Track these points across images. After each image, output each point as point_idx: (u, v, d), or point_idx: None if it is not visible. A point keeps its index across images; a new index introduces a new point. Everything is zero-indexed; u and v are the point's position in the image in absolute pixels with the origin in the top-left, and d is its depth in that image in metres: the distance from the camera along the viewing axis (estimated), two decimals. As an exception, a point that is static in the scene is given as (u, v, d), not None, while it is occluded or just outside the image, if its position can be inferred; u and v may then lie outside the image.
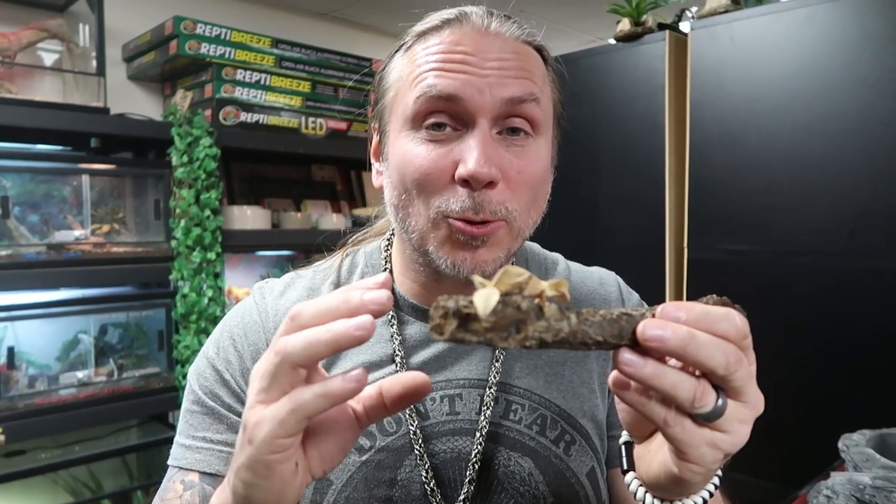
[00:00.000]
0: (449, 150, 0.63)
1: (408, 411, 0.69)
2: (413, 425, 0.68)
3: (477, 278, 0.39)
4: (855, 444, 0.93)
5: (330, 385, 0.42)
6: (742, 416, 0.43)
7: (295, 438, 0.44)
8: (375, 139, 0.74)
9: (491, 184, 0.62)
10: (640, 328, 0.40)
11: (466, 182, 0.61)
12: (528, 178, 0.65)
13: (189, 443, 0.70)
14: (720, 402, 0.42)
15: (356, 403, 0.49)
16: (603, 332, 0.40)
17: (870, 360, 1.30)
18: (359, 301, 0.43)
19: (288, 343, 0.43)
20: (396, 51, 0.70)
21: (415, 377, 0.49)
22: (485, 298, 0.38)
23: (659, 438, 0.48)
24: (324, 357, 0.43)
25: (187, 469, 0.68)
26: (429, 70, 0.63)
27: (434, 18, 0.68)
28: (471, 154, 0.61)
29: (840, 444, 0.94)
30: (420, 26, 0.68)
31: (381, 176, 0.72)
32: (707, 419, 0.42)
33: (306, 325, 0.44)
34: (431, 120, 0.63)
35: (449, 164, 0.63)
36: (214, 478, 0.67)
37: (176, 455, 0.70)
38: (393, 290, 0.75)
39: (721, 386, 0.42)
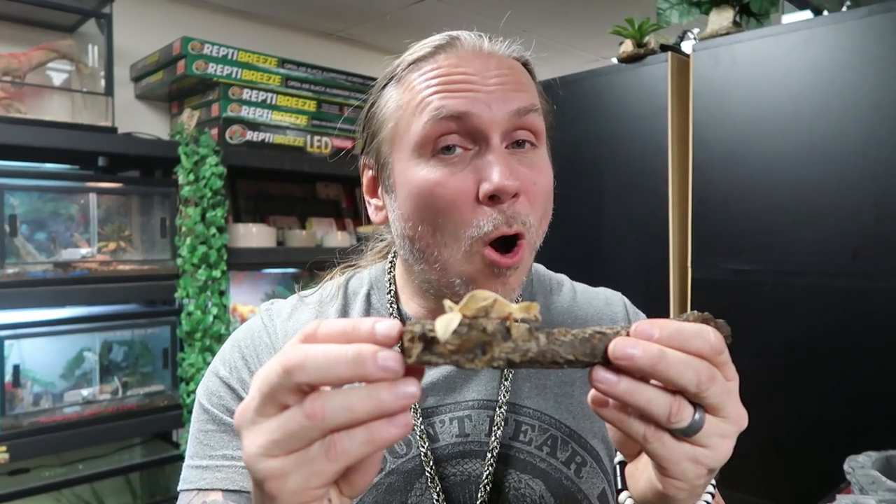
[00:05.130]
0: (467, 171, 0.63)
1: (418, 433, 0.69)
2: (423, 447, 0.68)
3: (447, 302, 0.40)
4: (861, 466, 0.92)
5: (375, 431, 0.38)
6: (722, 431, 0.43)
7: (329, 486, 0.40)
8: (369, 174, 0.73)
9: (516, 195, 0.62)
10: (611, 347, 0.41)
11: (492, 199, 0.61)
12: (543, 189, 0.65)
13: (207, 463, 0.68)
14: (697, 416, 0.42)
15: None
16: (574, 352, 0.41)
17: (875, 381, 1.30)
18: (369, 331, 0.39)
19: (304, 356, 0.39)
20: (386, 84, 0.69)
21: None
22: (445, 323, 0.39)
23: (646, 456, 0.48)
24: (342, 382, 0.39)
25: (208, 489, 0.67)
26: (432, 94, 0.63)
27: (424, 46, 0.67)
28: (493, 169, 0.61)
29: (846, 467, 0.94)
30: (410, 56, 0.68)
31: (383, 211, 0.71)
32: (685, 434, 0.42)
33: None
34: (443, 143, 0.63)
35: (471, 185, 0.62)
36: (238, 494, 0.66)
37: (191, 478, 0.68)
38: (400, 313, 0.75)
39: (697, 402, 0.43)
